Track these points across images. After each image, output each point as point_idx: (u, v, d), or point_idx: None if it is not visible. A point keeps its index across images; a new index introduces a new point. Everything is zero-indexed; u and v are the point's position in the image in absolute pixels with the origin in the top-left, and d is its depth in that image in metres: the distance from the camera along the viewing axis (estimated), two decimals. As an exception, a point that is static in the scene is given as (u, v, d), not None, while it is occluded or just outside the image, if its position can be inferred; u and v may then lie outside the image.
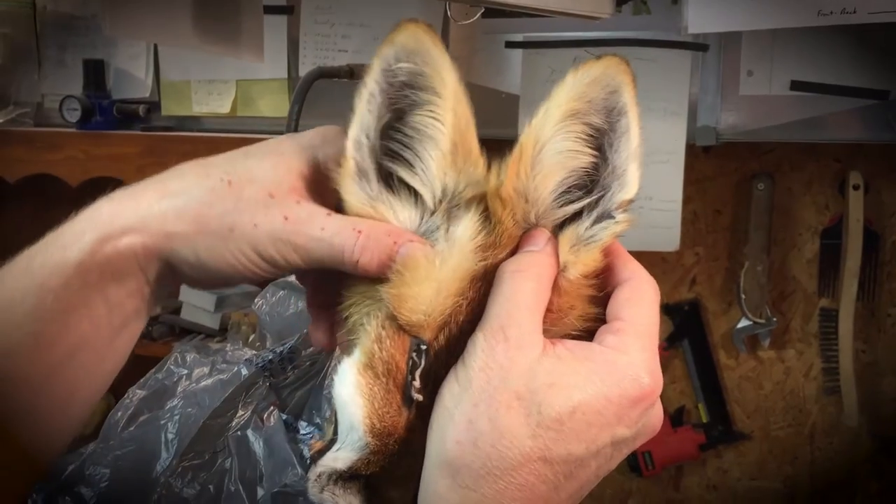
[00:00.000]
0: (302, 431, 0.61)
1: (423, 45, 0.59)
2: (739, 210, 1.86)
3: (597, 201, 0.59)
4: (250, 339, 1.07)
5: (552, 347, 0.54)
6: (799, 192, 1.83)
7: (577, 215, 0.60)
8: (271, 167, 0.62)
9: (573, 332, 0.60)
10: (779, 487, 1.93)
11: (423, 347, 0.55)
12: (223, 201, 0.60)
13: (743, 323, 1.85)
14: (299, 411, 0.63)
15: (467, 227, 0.59)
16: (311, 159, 0.64)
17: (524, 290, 0.55)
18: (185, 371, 0.72)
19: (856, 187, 1.72)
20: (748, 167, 1.83)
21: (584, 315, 0.60)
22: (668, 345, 1.93)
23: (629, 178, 0.60)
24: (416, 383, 0.55)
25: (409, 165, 0.61)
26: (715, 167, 1.86)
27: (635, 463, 1.95)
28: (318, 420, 0.61)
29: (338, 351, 0.63)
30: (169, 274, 0.62)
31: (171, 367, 0.73)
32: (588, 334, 0.61)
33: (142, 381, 0.73)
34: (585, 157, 0.58)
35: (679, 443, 1.94)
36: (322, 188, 0.63)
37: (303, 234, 0.60)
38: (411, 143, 0.60)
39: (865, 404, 1.81)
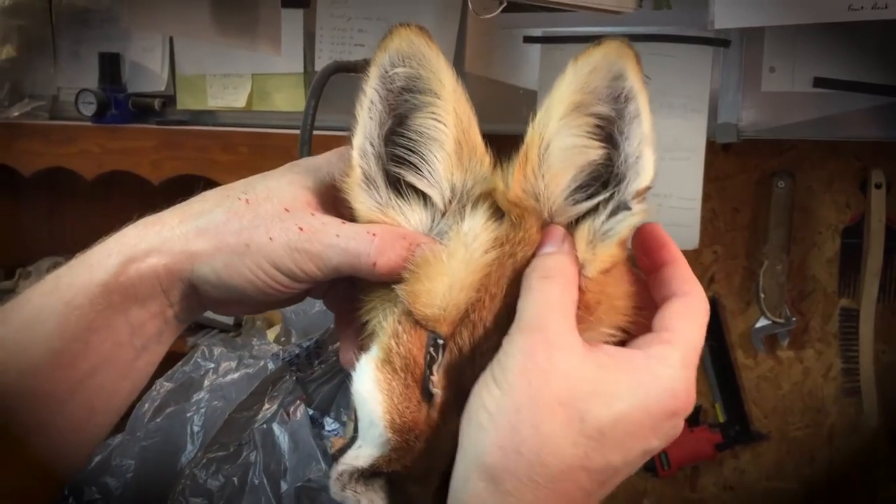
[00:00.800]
0: (327, 427, 0.60)
1: (417, 48, 0.59)
2: (759, 208, 1.84)
3: (612, 193, 0.58)
4: (269, 335, 1.06)
5: (592, 352, 0.54)
6: (819, 191, 1.81)
7: (594, 210, 0.59)
8: (287, 184, 0.64)
9: (603, 329, 0.59)
10: (796, 488, 1.91)
11: (440, 342, 0.55)
12: (240, 218, 0.62)
13: (762, 322, 1.83)
14: (326, 407, 0.62)
15: (475, 222, 0.59)
16: (327, 176, 0.66)
17: (554, 294, 0.55)
18: (213, 365, 0.72)
19: (878, 186, 1.70)
20: (768, 165, 1.81)
21: (611, 309, 0.59)
22: (685, 344, 1.91)
23: (643, 165, 0.58)
24: (434, 378, 0.55)
25: (416, 169, 0.61)
26: (734, 164, 1.84)
27: (651, 462, 1.93)
28: (344, 417, 0.60)
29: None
30: (192, 295, 0.64)
31: (199, 360, 0.73)
32: (616, 329, 0.60)
33: (169, 373, 0.72)
34: (595, 151, 0.57)
35: (695, 442, 1.92)
36: (338, 203, 0.64)
37: (318, 241, 0.61)
38: (416, 147, 0.60)
39: (885, 405, 1.79)
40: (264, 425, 0.60)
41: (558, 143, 0.56)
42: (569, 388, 0.52)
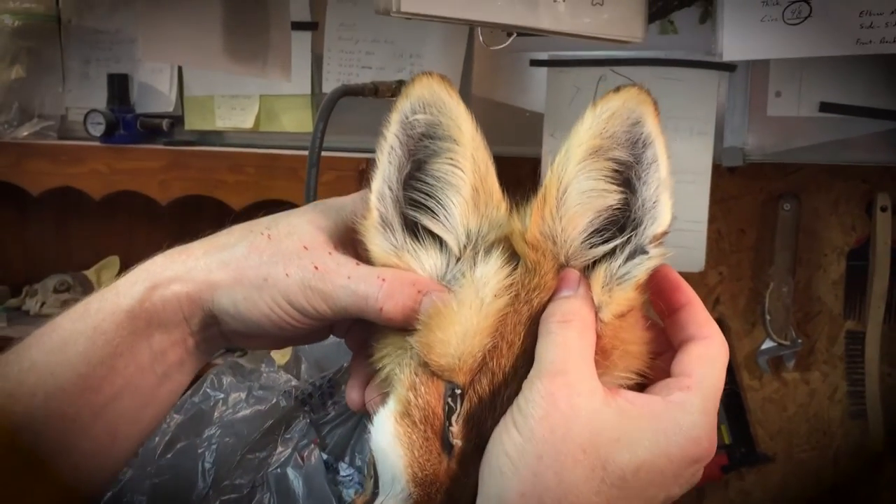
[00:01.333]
0: (342, 472, 0.60)
1: (438, 96, 0.60)
2: (764, 230, 1.84)
3: (629, 238, 0.58)
4: (278, 357, 1.07)
5: (613, 397, 0.54)
6: (825, 213, 1.81)
7: (610, 254, 0.59)
8: (308, 222, 0.66)
9: (618, 374, 0.59)
10: (802, 510, 1.91)
11: (458, 391, 0.55)
12: (260, 253, 0.64)
13: (767, 344, 1.84)
14: (340, 451, 0.62)
15: (488, 268, 0.59)
16: (349, 217, 0.67)
17: (572, 338, 0.55)
18: (222, 395, 0.72)
19: (884, 209, 1.70)
20: (774, 187, 1.82)
21: (626, 354, 0.59)
22: (691, 365, 1.91)
23: (661, 210, 0.59)
24: (454, 428, 0.55)
25: (433, 213, 0.61)
26: (740, 186, 1.84)
27: (656, 484, 1.93)
28: (359, 462, 0.61)
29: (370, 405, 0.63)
30: (212, 325, 0.66)
31: (208, 390, 0.73)
32: (632, 374, 0.60)
33: (178, 403, 0.73)
34: (613, 195, 0.58)
35: (701, 464, 1.92)
36: (357, 244, 0.65)
37: (330, 281, 0.62)
38: (433, 192, 0.61)
39: (891, 428, 1.79)
40: (278, 469, 0.60)
41: (576, 186, 0.57)
42: (591, 435, 0.51)
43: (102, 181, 1.98)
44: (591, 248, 0.58)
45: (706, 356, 0.58)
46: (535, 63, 1.73)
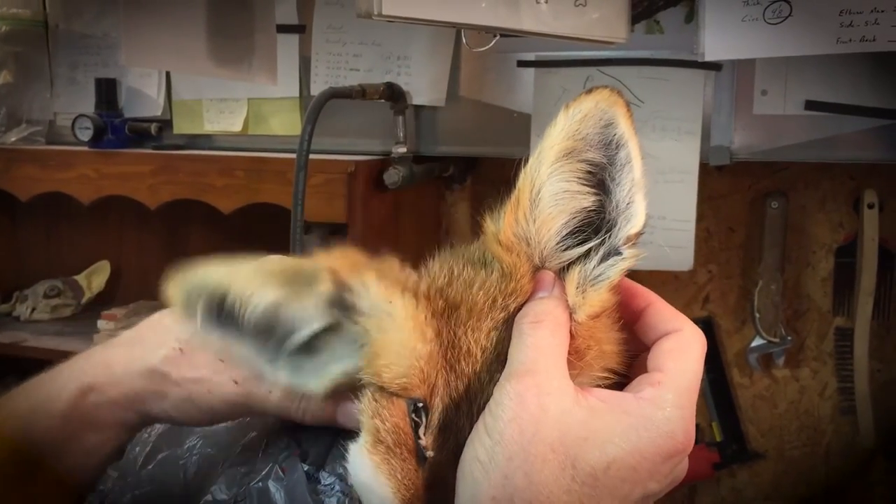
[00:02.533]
0: (324, 482, 0.60)
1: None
2: (753, 228, 1.85)
3: (603, 239, 0.58)
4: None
5: (584, 397, 0.53)
6: (813, 210, 1.82)
7: (585, 255, 0.59)
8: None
9: (594, 374, 0.59)
10: (793, 507, 1.92)
11: (420, 405, 0.55)
12: (179, 368, 0.68)
13: (757, 342, 1.84)
14: (321, 461, 0.62)
15: (374, 289, 0.59)
16: None
17: (544, 338, 0.54)
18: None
19: (870, 206, 1.71)
20: (762, 185, 1.83)
21: (601, 355, 0.59)
22: (682, 363, 1.91)
23: (634, 211, 0.58)
24: (423, 441, 0.55)
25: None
26: (728, 185, 1.85)
27: (648, 482, 1.93)
28: (340, 470, 0.61)
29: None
30: (147, 421, 0.71)
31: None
32: (608, 373, 0.60)
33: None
34: (586, 197, 0.58)
35: (693, 461, 1.87)
36: None
37: (253, 395, 0.67)
38: None
39: (881, 424, 1.79)
40: (260, 483, 0.60)
41: (550, 188, 0.57)
42: (560, 434, 0.51)
43: (91, 186, 1.98)
44: (566, 249, 0.58)
45: (677, 349, 0.57)
46: (523, 64, 1.73)
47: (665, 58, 1.60)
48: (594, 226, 0.59)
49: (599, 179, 0.58)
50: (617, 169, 0.57)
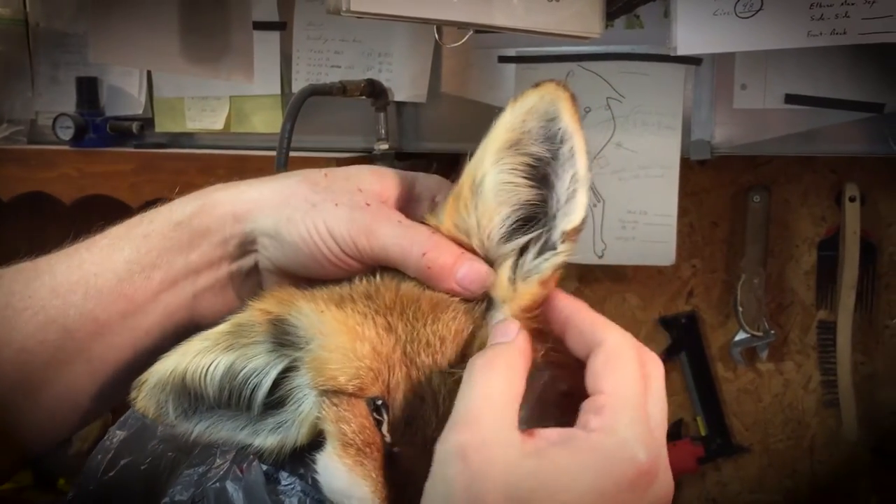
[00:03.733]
0: (283, 482, 0.60)
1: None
2: (736, 222, 1.85)
3: (540, 233, 0.58)
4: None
5: (531, 442, 0.50)
6: (796, 204, 1.82)
7: (526, 248, 0.59)
8: (368, 172, 0.68)
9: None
10: (779, 501, 1.92)
11: (379, 402, 0.55)
12: (314, 185, 0.65)
13: (740, 335, 1.84)
14: (280, 461, 0.62)
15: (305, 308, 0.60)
16: (409, 184, 0.68)
17: (493, 383, 0.52)
18: (164, 409, 0.72)
19: (852, 199, 1.71)
20: (744, 179, 1.82)
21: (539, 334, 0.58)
22: (666, 357, 1.92)
23: (574, 206, 0.58)
24: (388, 437, 0.55)
25: None
26: (711, 179, 1.85)
27: (634, 477, 1.93)
28: (301, 470, 0.61)
29: None
30: (250, 251, 0.67)
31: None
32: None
33: (122, 419, 0.72)
34: (528, 190, 0.58)
35: (677, 456, 1.92)
36: (409, 212, 0.66)
37: (380, 218, 0.62)
38: None
39: (865, 417, 1.80)
40: (217, 483, 0.60)
41: (491, 179, 0.57)
42: (508, 489, 0.48)
43: (73, 185, 1.97)
44: (506, 242, 0.58)
45: (609, 362, 0.53)
46: (504, 60, 1.72)
47: (645, 52, 1.60)
48: (538, 219, 0.58)
49: (543, 173, 0.58)
50: (560, 163, 0.57)
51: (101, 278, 0.65)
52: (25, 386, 0.65)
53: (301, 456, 0.60)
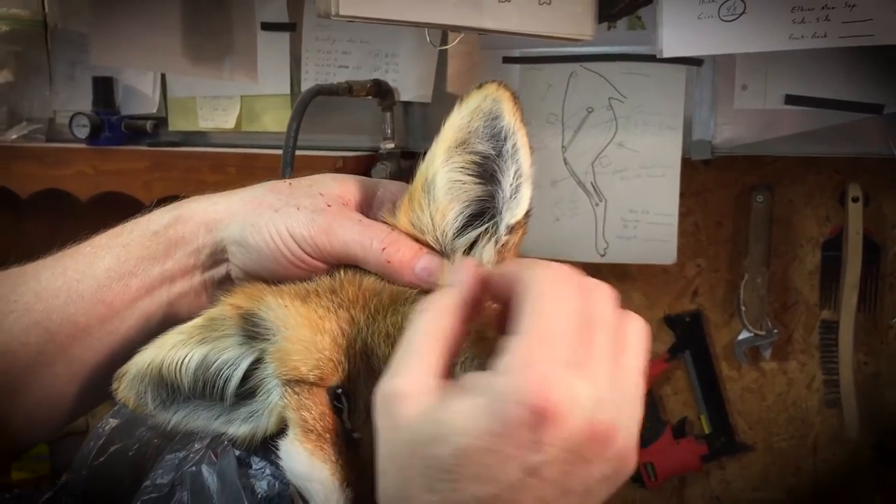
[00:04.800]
0: (255, 466, 0.63)
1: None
2: (740, 222, 1.85)
3: (490, 227, 0.61)
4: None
5: (444, 389, 0.51)
6: (800, 204, 1.82)
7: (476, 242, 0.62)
8: (331, 179, 0.71)
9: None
10: (782, 499, 1.93)
11: (339, 391, 0.58)
12: (279, 193, 0.68)
13: (744, 335, 1.85)
14: (253, 447, 0.65)
15: (276, 306, 0.63)
16: (371, 189, 0.71)
17: (421, 328, 0.53)
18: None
19: (855, 199, 1.71)
20: (748, 179, 1.83)
21: (480, 340, 0.60)
22: (671, 356, 1.93)
23: (518, 200, 0.61)
24: (348, 424, 0.57)
25: None
26: (715, 179, 1.85)
27: (638, 474, 1.95)
28: (273, 455, 0.63)
29: None
30: (221, 260, 0.70)
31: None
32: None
33: (115, 409, 0.76)
34: (477, 186, 0.60)
35: (681, 454, 1.94)
36: (371, 215, 0.68)
37: (340, 218, 0.65)
38: None
39: (868, 416, 1.80)
40: (193, 467, 0.63)
41: (441, 178, 0.60)
42: (415, 439, 0.49)
43: (88, 183, 2.01)
44: (459, 237, 0.61)
45: (520, 302, 0.51)
46: (508, 60, 1.74)
47: (647, 53, 1.61)
48: (489, 213, 0.61)
49: (490, 170, 0.60)
50: (504, 160, 0.60)
51: (83, 284, 0.69)
52: (9, 386, 0.69)
53: (270, 443, 0.63)
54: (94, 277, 0.69)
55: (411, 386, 0.51)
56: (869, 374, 1.82)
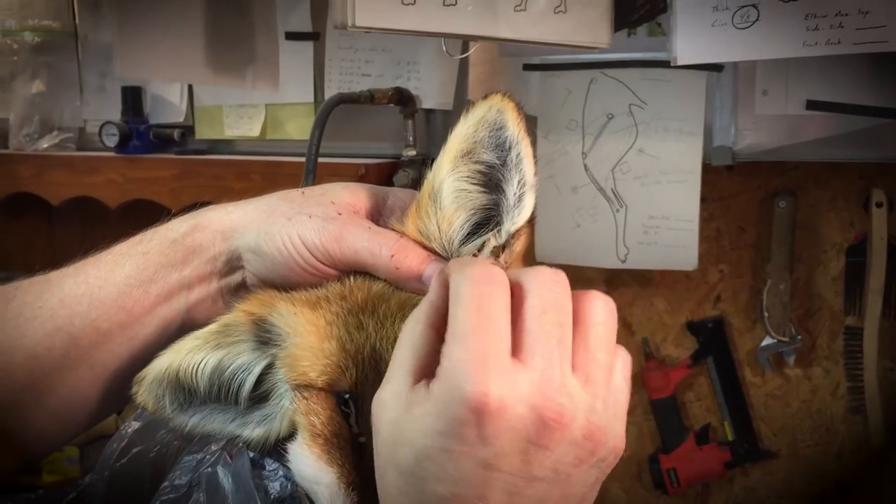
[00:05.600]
0: (268, 468, 0.65)
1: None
2: (763, 227, 1.85)
3: (493, 235, 0.62)
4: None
5: (410, 396, 0.52)
6: (823, 209, 1.81)
7: (480, 249, 0.63)
8: (342, 188, 0.72)
9: None
10: (806, 507, 1.92)
11: (347, 396, 0.59)
12: (291, 202, 0.70)
13: (767, 341, 1.84)
14: (267, 450, 0.67)
15: (284, 312, 0.65)
16: (381, 197, 0.73)
17: (401, 339, 0.55)
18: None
19: (879, 205, 1.70)
20: (771, 184, 1.82)
21: None
22: (693, 362, 1.93)
23: (521, 209, 0.62)
24: (355, 428, 0.59)
25: None
26: (738, 184, 1.85)
27: (661, 480, 1.95)
28: (286, 458, 0.65)
29: None
30: (237, 267, 0.72)
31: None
32: None
33: (138, 412, 0.78)
34: (481, 195, 0.62)
35: (704, 460, 1.93)
36: (381, 223, 0.69)
37: (350, 226, 0.66)
38: None
39: (893, 422, 1.78)
40: (209, 468, 0.65)
41: (448, 187, 0.61)
42: (389, 443, 0.53)
43: (117, 190, 2.05)
44: (464, 245, 0.62)
45: (452, 294, 0.53)
46: (528, 67, 1.76)
47: (667, 59, 1.61)
48: (494, 221, 0.62)
49: (495, 179, 0.61)
50: (508, 169, 0.61)
51: (104, 291, 0.71)
52: (33, 389, 0.71)
53: (280, 446, 0.65)
54: (114, 284, 0.71)
55: (389, 394, 0.54)
56: (894, 380, 1.80)
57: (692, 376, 1.94)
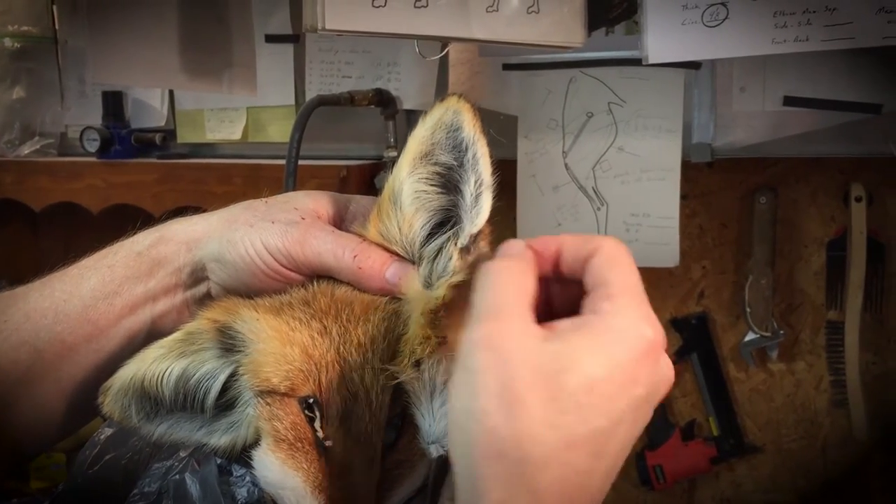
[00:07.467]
0: (235, 474, 0.65)
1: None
2: (744, 223, 1.86)
3: (452, 236, 0.62)
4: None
5: (552, 330, 0.54)
6: (804, 205, 1.82)
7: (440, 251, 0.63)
8: (304, 195, 0.73)
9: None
10: (792, 500, 1.92)
11: (311, 400, 0.59)
12: (255, 210, 0.71)
13: (750, 336, 1.85)
14: (234, 457, 0.67)
15: (248, 317, 0.65)
16: (343, 204, 0.73)
17: (509, 282, 0.55)
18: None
19: (858, 199, 1.71)
20: (752, 180, 1.83)
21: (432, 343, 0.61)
22: (678, 358, 1.93)
23: (479, 209, 0.62)
24: (320, 433, 0.59)
25: None
26: (719, 181, 1.85)
27: (647, 476, 1.95)
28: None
29: None
30: (201, 278, 0.72)
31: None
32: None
33: (110, 419, 0.78)
34: (440, 197, 0.62)
35: (690, 456, 1.94)
36: (344, 229, 0.70)
37: (313, 229, 0.67)
38: None
39: (877, 416, 1.79)
40: (177, 476, 0.65)
41: (408, 189, 0.62)
42: (535, 372, 0.51)
43: (100, 195, 2.04)
44: (427, 246, 0.62)
45: (610, 259, 0.56)
46: (508, 67, 1.76)
47: (645, 57, 1.62)
48: (453, 222, 0.63)
49: (453, 180, 0.62)
50: (465, 170, 0.61)
51: (70, 304, 0.71)
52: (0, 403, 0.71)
53: (244, 454, 0.65)
54: (80, 297, 0.71)
55: (514, 326, 0.52)
56: (876, 374, 1.81)
57: (677, 372, 1.90)
